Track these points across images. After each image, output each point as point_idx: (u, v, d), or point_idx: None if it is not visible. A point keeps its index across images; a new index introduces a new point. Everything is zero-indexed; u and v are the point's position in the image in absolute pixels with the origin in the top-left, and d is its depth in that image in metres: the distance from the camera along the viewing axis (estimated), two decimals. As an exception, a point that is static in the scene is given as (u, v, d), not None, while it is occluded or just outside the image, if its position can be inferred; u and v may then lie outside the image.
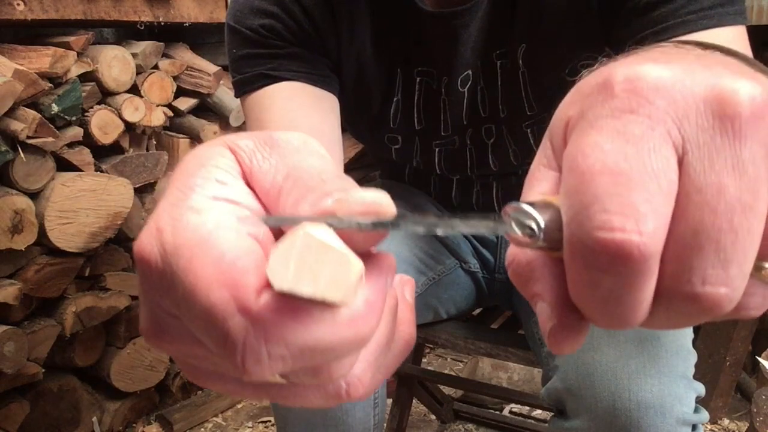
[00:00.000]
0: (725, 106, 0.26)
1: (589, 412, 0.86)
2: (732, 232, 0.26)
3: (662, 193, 0.26)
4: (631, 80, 0.28)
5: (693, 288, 0.27)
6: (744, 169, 0.26)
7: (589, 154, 0.27)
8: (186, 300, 0.26)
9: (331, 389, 0.30)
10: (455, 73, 0.98)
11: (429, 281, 1.15)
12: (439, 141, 1.06)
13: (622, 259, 0.26)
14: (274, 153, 0.30)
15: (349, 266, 0.25)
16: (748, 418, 1.86)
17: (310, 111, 0.92)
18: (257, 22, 0.91)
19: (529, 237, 0.28)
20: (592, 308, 0.28)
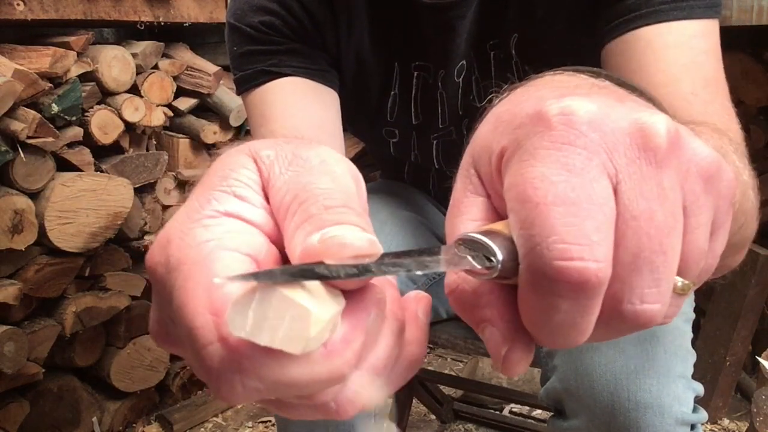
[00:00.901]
0: (647, 138, 0.29)
1: (588, 412, 0.86)
2: (662, 253, 0.28)
3: (607, 222, 0.28)
4: (566, 114, 0.29)
5: (633, 307, 0.29)
6: (666, 195, 0.29)
7: (539, 185, 0.28)
8: (177, 315, 0.27)
9: (321, 409, 0.30)
10: (451, 64, 0.99)
11: (429, 281, 1.15)
12: (437, 133, 1.07)
13: (581, 285, 0.27)
14: (291, 169, 0.32)
15: (309, 321, 0.25)
16: (748, 418, 1.86)
17: (311, 105, 0.93)
18: (257, 19, 0.93)
19: (487, 269, 0.29)
20: (545, 332, 0.30)
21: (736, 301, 1.86)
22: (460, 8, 0.93)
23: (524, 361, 0.31)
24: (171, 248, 0.28)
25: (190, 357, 0.28)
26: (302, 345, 0.25)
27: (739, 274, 1.86)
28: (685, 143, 0.30)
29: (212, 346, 0.26)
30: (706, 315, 1.95)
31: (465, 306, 0.32)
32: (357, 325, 0.28)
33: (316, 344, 0.26)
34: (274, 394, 0.27)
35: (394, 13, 0.97)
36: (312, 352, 0.26)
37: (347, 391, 0.30)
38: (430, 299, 0.37)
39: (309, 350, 0.26)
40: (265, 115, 0.93)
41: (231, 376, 0.26)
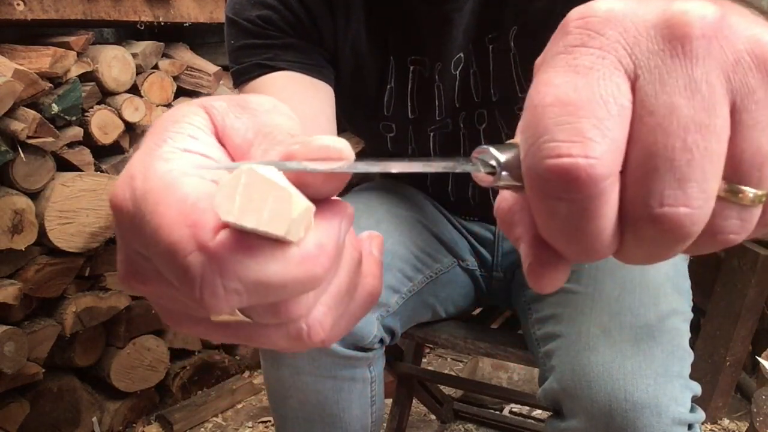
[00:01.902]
0: (674, 28, 0.27)
1: (586, 412, 0.86)
2: (686, 151, 0.26)
3: (612, 118, 0.27)
4: (583, 16, 0.28)
5: (651, 210, 0.27)
6: (697, 88, 0.26)
7: (541, 89, 0.28)
8: (152, 239, 0.28)
9: (293, 330, 0.31)
10: (448, 57, 0.99)
11: (426, 279, 1.15)
12: (434, 126, 1.07)
13: (570, 183, 0.26)
14: (246, 113, 0.32)
15: (291, 202, 0.26)
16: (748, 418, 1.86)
17: (305, 99, 0.94)
18: (255, 14, 0.94)
19: (491, 174, 0.30)
20: (557, 239, 0.29)
21: (736, 301, 1.86)
22: (457, 1, 0.94)
23: (548, 276, 0.31)
24: (135, 182, 0.29)
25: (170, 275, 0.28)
26: (286, 226, 0.26)
27: (739, 274, 1.85)
28: (731, 29, 0.27)
29: (192, 254, 0.27)
30: (706, 315, 1.95)
31: (504, 224, 0.32)
32: (330, 231, 0.29)
33: (296, 231, 0.27)
34: (254, 297, 0.27)
35: (391, 7, 0.98)
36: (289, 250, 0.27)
37: (316, 313, 0.31)
38: (382, 238, 0.38)
39: (291, 236, 0.27)
40: None
41: (213, 280, 0.27)
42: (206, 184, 0.29)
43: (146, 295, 0.32)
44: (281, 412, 1.06)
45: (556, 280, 0.31)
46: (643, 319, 0.91)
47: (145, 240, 0.28)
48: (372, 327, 1.03)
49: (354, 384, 1.05)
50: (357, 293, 0.35)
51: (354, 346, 1.02)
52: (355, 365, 1.04)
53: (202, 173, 0.29)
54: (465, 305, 1.29)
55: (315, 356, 1.00)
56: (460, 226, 1.23)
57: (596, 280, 0.99)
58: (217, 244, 0.27)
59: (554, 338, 0.97)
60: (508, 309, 1.41)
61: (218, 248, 0.27)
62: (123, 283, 0.32)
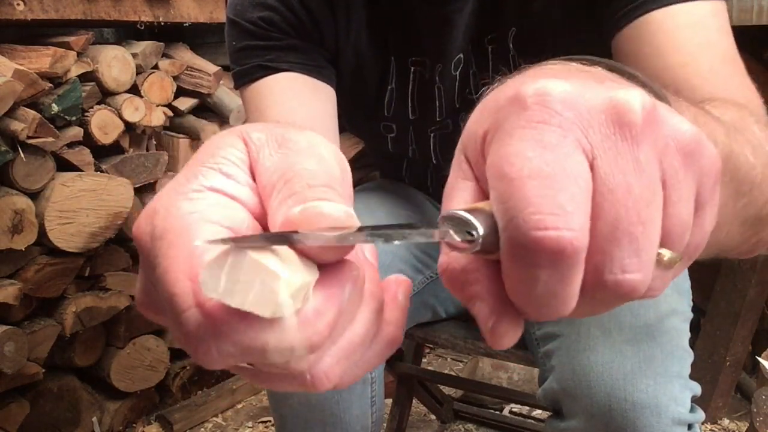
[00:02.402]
0: (622, 115, 0.30)
1: (585, 412, 0.86)
2: (641, 224, 0.29)
3: (582, 193, 0.29)
4: (540, 94, 0.30)
5: (614, 277, 0.29)
6: (642, 169, 0.29)
7: (515, 161, 0.29)
8: (159, 281, 0.29)
9: (298, 379, 0.31)
10: (448, 58, 0.99)
11: (426, 279, 1.15)
12: (434, 127, 1.07)
13: (557, 254, 0.28)
14: (280, 151, 0.33)
15: (278, 285, 0.26)
16: (748, 418, 1.86)
17: (307, 100, 0.94)
18: (256, 15, 0.94)
19: (468, 243, 0.30)
20: (529, 303, 0.31)
21: (736, 301, 1.86)
22: (457, 2, 0.94)
23: (511, 333, 0.32)
24: (157, 219, 0.30)
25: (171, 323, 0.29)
26: (272, 309, 0.26)
27: (739, 273, 1.85)
28: (662, 118, 0.30)
29: (190, 311, 0.27)
30: (706, 315, 1.95)
31: (456, 283, 0.33)
32: (330, 298, 0.29)
33: (287, 310, 0.27)
34: (247, 359, 0.28)
35: (392, 8, 0.98)
36: (284, 320, 0.27)
37: (322, 364, 0.31)
38: (410, 283, 0.38)
39: (279, 315, 0.27)
40: (260, 109, 0.94)
41: (207, 340, 0.27)
42: (222, 233, 0.29)
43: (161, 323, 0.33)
44: (281, 412, 1.06)
45: (516, 337, 0.33)
46: (643, 319, 0.91)
47: (155, 279, 0.29)
48: (372, 327, 1.02)
49: (354, 384, 1.05)
50: (375, 341, 0.35)
51: (354, 345, 1.02)
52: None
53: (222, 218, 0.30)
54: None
55: (315, 356, 1.00)
56: (459, 226, 1.23)
57: (596, 280, 0.99)
58: (214, 305, 0.27)
59: (554, 338, 0.96)
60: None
61: (215, 309, 0.27)
62: (139, 309, 0.33)
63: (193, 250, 0.28)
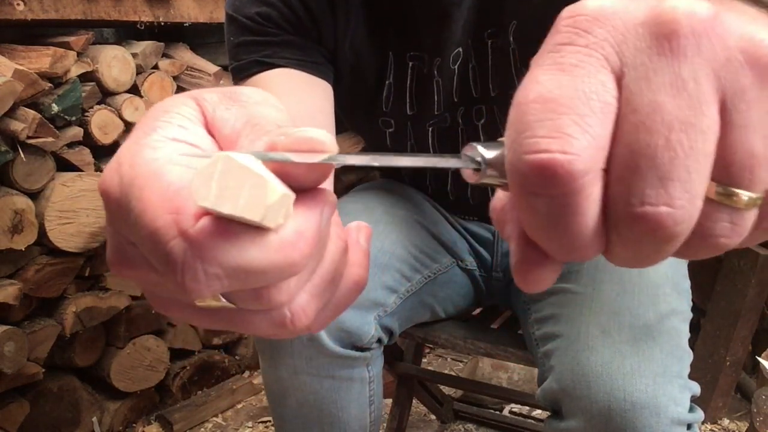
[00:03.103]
0: (662, 25, 0.26)
1: (585, 412, 0.86)
2: (669, 149, 0.26)
3: (594, 115, 0.26)
4: (573, 15, 0.28)
5: (633, 209, 0.26)
6: (683, 86, 0.26)
7: (526, 86, 0.28)
8: (137, 225, 0.28)
9: (277, 316, 0.32)
10: (447, 52, 1.00)
11: (424, 279, 1.15)
12: (432, 121, 1.07)
13: (548, 179, 0.26)
14: (236, 104, 0.33)
15: (267, 188, 0.27)
16: (748, 418, 1.86)
17: (303, 96, 0.95)
18: (254, 10, 0.94)
19: (476, 171, 0.30)
20: (540, 236, 0.29)
21: (736, 301, 1.86)
22: None
23: (534, 274, 0.30)
24: (123, 169, 0.30)
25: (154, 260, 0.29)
26: (262, 212, 0.27)
27: (739, 274, 1.85)
28: (723, 26, 0.26)
29: (175, 240, 0.27)
30: (706, 315, 1.95)
31: (497, 223, 0.33)
32: (310, 219, 0.29)
33: (273, 221, 0.27)
34: (234, 282, 0.28)
35: (390, 3, 0.99)
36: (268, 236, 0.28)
37: (299, 300, 0.32)
38: (370, 228, 0.39)
39: (268, 221, 0.27)
40: None
41: (193, 265, 0.27)
42: (191, 172, 0.29)
43: (135, 281, 0.33)
44: (280, 412, 1.06)
45: (543, 280, 0.31)
46: (642, 319, 0.91)
47: (131, 225, 0.29)
48: (369, 327, 1.03)
49: (352, 384, 1.05)
50: (342, 282, 0.35)
51: (352, 345, 1.02)
52: (353, 365, 1.04)
53: (188, 162, 0.30)
54: (464, 305, 1.29)
55: (313, 356, 1.00)
56: (459, 226, 1.23)
57: (595, 280, 1.00)
58: (197, 230, 0.27)
59: (553, 338, 0.97)
60: (507, 309, 1.41)
61: (199, 234, 0.27)
62: (112, 269, 0.33)
63: (168, 186, 0.28)
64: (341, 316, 1.02)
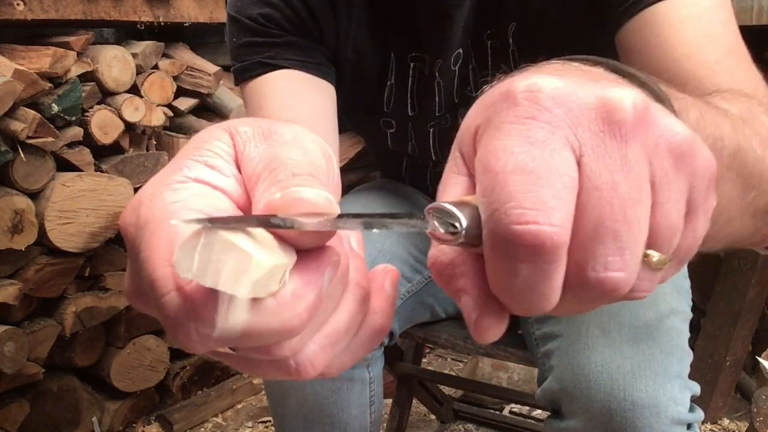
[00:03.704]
0: (612, 113, 0.30)
1: (585, 412, 0.86)
2: (626, 222, 0.29)
3: (566, 190, 0.29)
4: (531, 90, 0.30)
5: (596, 274, 0.29)
6: (631, 167, 0.29)
7: (501, 156, 0.30)
8: (142, 269, 0.29)
9: (282, 366, 0.32)
10: (447, 53, 1.00)
11: (424, 279, 1.15)
12: (433, 122, 1.07)
13: (536, 248, 0.28)
14: (266, 142, 0.33)
15: (250, 264, 0.26)
16: (748, 418, 1.86)
17: (306, 97, 0.95)
18: (256, 12, 0.94)
19: (452, 234, 0.31)
20: (510, 297, 0.31)
21: (736, 301, 1.86)
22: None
23: (494, 327, 0.32)
24: (141, 209, 0.30)
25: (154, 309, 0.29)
26: (246, 288, 0.26)
27: (739, 274, 1.85)
28: (653, 118, 0.30)
29: (169, 295, 0.28)
30: (706, 315, 1.95)
31: (443, 276, 0.33)
32: (309, 282, 0.29)
33: (263, 291, 0.27)
34: (228, 343, 0.28)
35: (392, 4, 0.98)
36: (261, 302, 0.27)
37: (307, 351, 0.31)
38: (397, 273, 0.39)
39: (256, 294, 0.27)
40: (261, 105, 0.94)
41: (186, 324, 0.28)
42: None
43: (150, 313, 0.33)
44: (280, 412, 1.06)
45: (499, 332, 0.32)
46: (642, 319, 0.91)
47: (138, 266, 0.30)
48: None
49: (352, 384, 1.05)
50: (362, 329, 0.35)
51: (352, 346, 1.02)
52: (354, 366, 1.04)
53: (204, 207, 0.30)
54: (464, 305, 1.29)
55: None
56: (459, 226, 1.23)
57: (595, 280, 0.99)
58: (193, 288, 0.28)
59: (553, 338, 0.96)
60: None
61: (194, 293, 0.28)
62: (129, 301, 0.33)
63: (174, 237, 0.28)
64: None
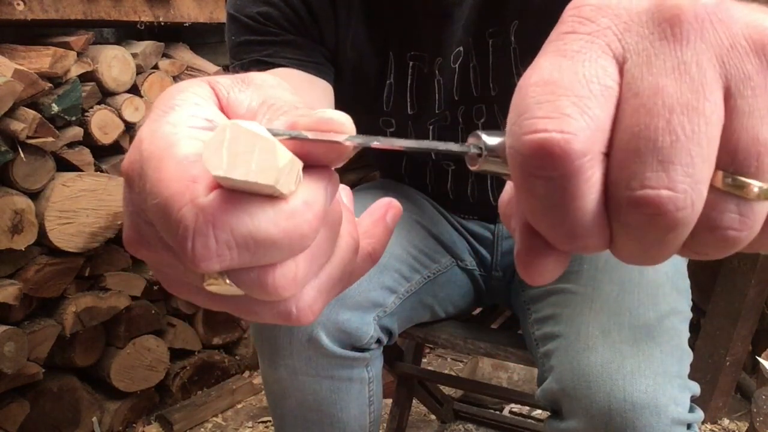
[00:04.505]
0: (665, 11, 0.26)
1: (585, 412, 0.86)
2: (670, 132, 0.25)
3: (594, 97, 0.26)
4: (578, 6, 0.28)
5: (632, 192, 0.26)
6: (686, 70, 0.26)
7: (529, 72, 0.28)
8: (152, 194, 0.29)
9: (282, 310, 0.32)
10: (447, 51, 1.00)
11: (424, 279, 1.15)
12: (433, 119, 1.07)
13: (545, 158, 0.26)
14: (250, 87, 0.34)
15: (276, 153, 0.27)
16: (748, 418, 1.86)
17: (303, 96, 0.94)
18: (255, 10, 0.95)
19: (477, 155, 0.31)
20: (540, 222, 0.28)
21: (736, 301, 1.86)
22: None
23: (535, 264, 0.30)
24: (143, 144, 0.30)
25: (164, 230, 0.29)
26: (275, 175, 0.27)
27: (739, 274, 1.85)
28: (727, 14, 0.26)
29: (186, 206, 0.28)
30: (706, 315, 1.95)
31: (503, 217, 0.33)
32: (316, 191, 0.30)
33: (286, 182, 0.28)
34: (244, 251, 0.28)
35: (392, 3, 0.99)
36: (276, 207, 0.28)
37: (306, 297, 0.32)
38: (400, 209, 0.39)
39: (281, 186, 0.27)
40: None
41: (205, 231, 0.27)
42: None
43: (148, 262, 0.33)
44: (279, 412, 1.06)
45: (547, 271, 0.30)
46: (642, 319, 0.91)
47: (147, 196, 0.29)
48: (369, 327, 1.03)
49: (351, 384, 1.05)
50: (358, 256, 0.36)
51: (351, 346, 1.02)
52: (353, 365, 1.04)
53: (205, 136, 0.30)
54: (464, 305, 1.29)
55: (312, 357, 1.00)
56: (459, 226, 1.23)
57: (595, 280, 1.00)
58: (210, 198, 0.28)
59: (553, 338, 0.97)
60: (507, 309, 1.41)
61: (212, 202, 0.28)
62: (128, 248, 0.33)
63: (184, 157, 0.28)
64: (340, 316, 1.03)
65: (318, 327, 0.97)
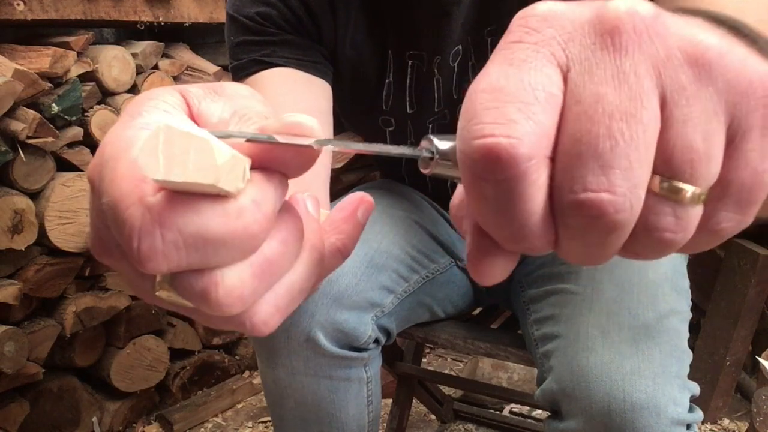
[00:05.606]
0: (605, 22, 0.27)
1: (584, 413, 0.86)
2: (610, 138, 0.26)
3: (538, 104, 0.27)
4: (524, 16, 0.29)
5: (575, 195, 0.27)
6: (625, 79, 0.27)
7: (479, 79, 0.29)
8: (104, 194, 0.29)
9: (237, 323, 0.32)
10: (446, 50, 1.00)
11: (422, 279, 1.15)
12: (432, 117, 1.07)
13: (492, 162, 0.27)
14: (222, 98, 0.34)
15: (213, 151, 0.27)
16: (748, 418, 1.86)
17: (301, 95, 0.95)
18: (254, 10, 0.95)
19: (429, 159, 0.32)
20: (489, 224, 0.30)
21: (736, 301, 1.86)
22: None
23: (486, 265, 0.31)
24: (105, 149, 0.30)
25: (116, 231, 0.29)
26: (213, 174, 0.27)
27: (739, 274, 1.85)
28: (664, 26, 0.27)
29: (134, 205, 0.28)
30: (706, 315, 1.95)
31: (455, 219, 0.34)
32: (266, 190, 0.30)
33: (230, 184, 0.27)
34: (192, 250, 0.28)
35: (390, 2, 0.99)
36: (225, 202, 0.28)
37: (261, 312, 0.32)
38: (372, 203, 0.39)
39: (224, 185, 0.27)
40: None
41: (151, 230, 0.27)
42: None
43: (113, 269, 0.33)
44: (278, 412, 1.06)
45: (495, 271, 0.31)
46: (642, 320, 0.91)
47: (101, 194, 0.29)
48: (366, 327, 1.03)
49: (350, 384, 1.05)
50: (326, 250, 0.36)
51: (349, 346, 1.02)
52: (351, 365, 1.04)
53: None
54: (463, 305, 1.29)
55: (310, 357, 1.00)
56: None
57: (594, 280, 1.00)
58: (158, 197, 0.28)
59: (552, 339, 0.97)
60: (507, 309, 1.41)
61: (159, 201, 0.28)
62: (94, 255, 0.33)
63: (134, 159, 0.28)
64: (338, 316, 1.03)
65: (316, 327, 0.97)
